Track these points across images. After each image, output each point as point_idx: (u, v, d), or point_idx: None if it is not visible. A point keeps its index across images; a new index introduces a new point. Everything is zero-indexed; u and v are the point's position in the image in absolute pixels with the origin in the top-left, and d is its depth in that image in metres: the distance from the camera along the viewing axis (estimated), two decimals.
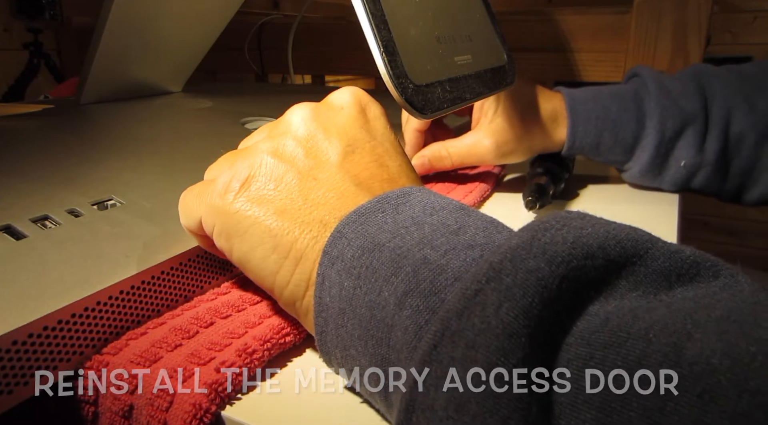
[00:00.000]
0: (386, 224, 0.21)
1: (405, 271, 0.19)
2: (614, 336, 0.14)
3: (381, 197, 0.22)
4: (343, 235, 0.21)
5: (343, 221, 0.22)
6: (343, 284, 0.20)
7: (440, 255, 0.19)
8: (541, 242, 0.17)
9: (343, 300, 0.20)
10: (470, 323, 0.15)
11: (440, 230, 0.20)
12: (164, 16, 0.56)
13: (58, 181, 0.33)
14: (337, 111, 0.26)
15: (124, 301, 0.25)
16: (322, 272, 0.21)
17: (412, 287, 0.18)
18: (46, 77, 1.13)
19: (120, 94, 0.60)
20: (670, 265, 0.17)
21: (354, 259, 0.20)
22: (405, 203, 0.22)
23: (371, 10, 0.28)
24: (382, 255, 0.20)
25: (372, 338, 0.19)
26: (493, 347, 0.15)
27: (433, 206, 0.22)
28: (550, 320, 0.15)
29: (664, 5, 0.72)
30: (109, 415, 0.23)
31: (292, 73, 0.98)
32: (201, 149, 0.42)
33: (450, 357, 0.15)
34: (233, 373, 0.22)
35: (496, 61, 0.39)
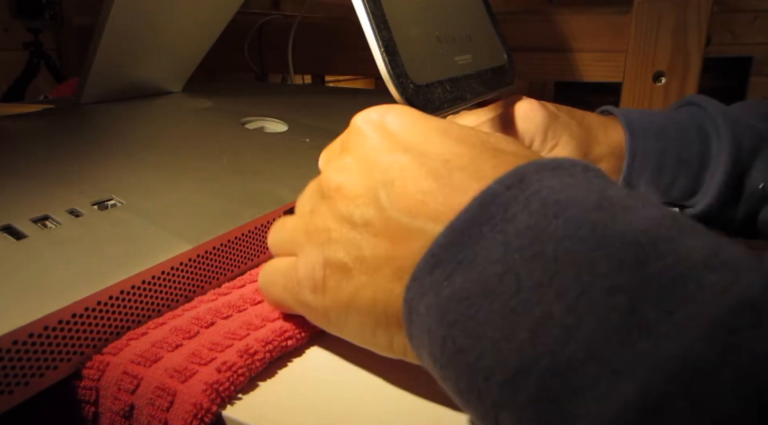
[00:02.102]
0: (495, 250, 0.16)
1: (519, 339, 0.14)
2: None
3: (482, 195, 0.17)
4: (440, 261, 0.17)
5: (438, 241, 0.17)
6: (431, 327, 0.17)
7: (566, 308, 0.13)
8: None
9: (434, 346, 0.17)
10: None
11: (568, 251, 0.14)
12: (164, 16, 0.56)
13: (58, 181, 0.33)
14: (360, 148, 0.23)
15: (125, 301, 0.25)
16: (409, 300, 0.18)
17: (526, 364, 0.14)
18: (46, 77, 1.13)
19: (120, 94, 0.60)
20: None
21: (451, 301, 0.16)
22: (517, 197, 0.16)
23: (371, 10, 0.28)
24: (490, 307, 0.15)
25: (474, 397, 0.15)
26: None
27: (558, 199, 0.16)
28: None
29: (664, 5, 0.72)
30: (110, 415, 0.23)
31: (292, 73, 0.98)
32: (201, 149, 0.42)
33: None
34: (234, 373, 0.22)
35: (497, 60, 0.39)
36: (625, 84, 0.77)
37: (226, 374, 0.22)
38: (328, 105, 0.65)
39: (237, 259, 0.31)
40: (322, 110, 0.60)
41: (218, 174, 0.36)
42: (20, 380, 0.21)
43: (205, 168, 0.37)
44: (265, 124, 0.51)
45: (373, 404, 0.22)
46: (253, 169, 0.38)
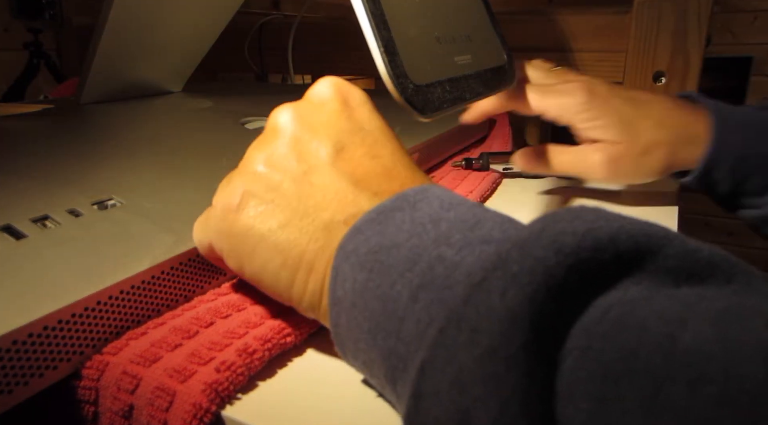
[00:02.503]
0: (404, 224, 0.21)
1: (420, 267, 0.19)
2: (612, 327, 0.15)
3: (400, 195, 0.22)
4: (361, 232, 0.21)
5: (362, 219, 0.22)
6: (356, 277, 0.21)
7: (455, 252, 0.19)
8: (550, 232, 0.17)
9: (356, 293, 0.20)
10: (475, 308, 0.16)
11: (457, 226, 0.20)
12: (164, 16, 0.56)
13: (58, 181, 0.33)
14: (319, 107, 0.26)
15: (125, 301, 0.25)
16: (336, 266, 0.21)
17: (426, 281, 0.19)
18: (46, 77, 1.13)
19: (120, 94, 0.60)
20: (683, 264, 0.16)
21: (369, 254, 0.21)
22: (423, 200, 0.22)
23: (371, 10, 0.28)
24: (399, 253, 0.20)
25: (382, 330, 0.19)
26: (497, 331, 0.15)
27: (450, 202, 0.22)
28: (555, 308, 0.15)
29: (664, 5, 0.72)
30: (110, 415, 0.23)
31: (292, 73, 0.98)
32: (201, 149, 0.42)
33: (455, 342, 0.16)
34: (233, 373, 0.22)
35: (496, 61, 0.39)
36: (625, 84, 0.77)
37: (225, 374, 0.22)
38: None
39: None
40: None
41: (218, 174, 0.36)
42: (20, 380, 0.21)
43: (205, 168, 0.37)
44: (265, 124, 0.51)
45: (373, 403, 0.22)
46: None
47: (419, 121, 0.31)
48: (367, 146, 0.25)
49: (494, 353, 0.15)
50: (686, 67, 0.73)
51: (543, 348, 0.15)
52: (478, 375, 0.15)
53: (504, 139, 0.66)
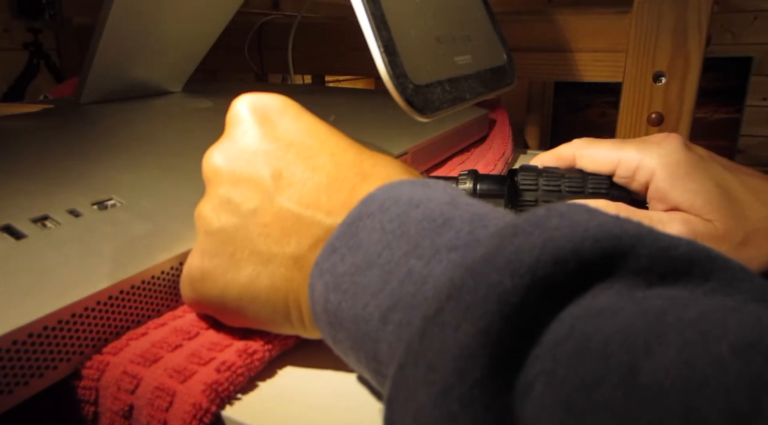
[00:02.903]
0: (374, 233, 0.20)
1: (391, 286, 0.19)
2: (576, 351, 0.14)
3: (366, 198, 0.21)
4: (335, 249, 0.21)
5: (335, 234, 0.21)
6: (329, 298, 0.20)
7: (424, 264, 0.18)
8: (507, 251, 0.16)
9: (329, 313, 0.20)
10: (430, 344, 0.15)
11: (425, 228, 0.19)
12: (164, 16, 0.56)
13: (58, 181, 0.33)
14: (240, 136, 0.25)
15: (124, 301, 0.25)
16: (311, 284, 0.21)
17: (395, 301, 0.18)
18: (46, 77, 1.13)
19: (120, 94, 0.60)
20: (654, 264, 0.15)
21: (345, 275, 0.20)
22: (390, 197, 0.21)
23: (371, 10, 0.28)
24: (372, 273, 0.19)
25: (361, 350, 0.19)
26: (451, 369, 0.14)
27: (420, 197, 0.21)
28: (514, 334, 0.15)
29: (664, 5, 0.72)
30: (110, 415, 0.23)
31: (292, 73, 0.98)
32: (201, 149, 0.42)
33: (414, 379, 0.15)
34: (233, 373, 0.22)
35: (496, 61, 0.39)
36: (625, 84, 0.77)
37: (225, 374, 0.22)
38: (328, 105, 0.65)
39: None
40: (322, 110, 0.60)
41: None
42: (20, 380, 0.21)
43: None
44: None
45: (373, 403, 0.22)
46: None
47: (419, 121, 0.31)
48: (302, 161, 0.23)
49: (449, 392, 0.14)
50: (686, 67, 0.73)
51: (501, 381, 0.14)
52: (435, 415, 0.15)
53: (504, 139, 0.66)
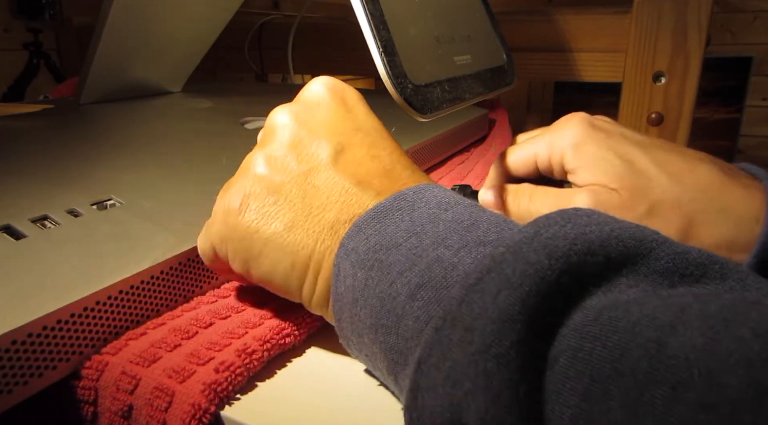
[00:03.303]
0: (403, 223, 0.22)
1: (419, 267, 0.20)
2: (603, 329, 0.15)
3: (398, 194, 0.23)
4: (362, 230, 0.22)
5: (363, 218, 0.22)
6: (356, 274, 0.21)
7: (453, 253, 0.20)
8: (543, 237, 0.17)
9: (356, 290, 0.21)
10: (469, 308, 0.17)
11: (454, 227, 0.21)
12: (164, 16, 0.56)
13: (58, 181, 0.33)
14: (316, 107, 0.26)
15: (124, 301, 0.25)
16: (337, 263, 0.22)
17: (425, 280, 0.19)
18: (46, 77, 1.13)
19: (120, 94, 0.60)
20: (674, 265, 0.17)
21: (369, 252, 0.21)
22: (421, 199, 0.22)
23: (370, 10, 0.28)
24: (398, 253, 0.21)
25: (382, 327, 0.20)
26: (489, 330, 0.16)
27: (448, 202, 0.22)
28: (547, 310, 0.16)
29: (664, 5, 0.72)
30: (109, 415, 0.23)
31: (291, 73, 0.98)
32: (201, 149, 0.42)
33: (450, 340, 0.17)
34: (232, 373, 0.22)
35: (496, 61, 0.39)
36: (625, 84, 0.77)
37: (225, 374, 0.22)
38: None
39: None
40: None
41: (218, 174, 0.36)
42: (19, 380, 0.21)
43: (205, 168, 0.37)
44: None
45: (372, 403, 0.22)
46: None
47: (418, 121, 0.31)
48: (366, 147, 0.25)
49: (486, 351, 0.15)
50: (686, 67, 0.73)
51: (534, 347, 0.16)
52: (471, 371, 0.16)
53: (504, 139, 0.66)
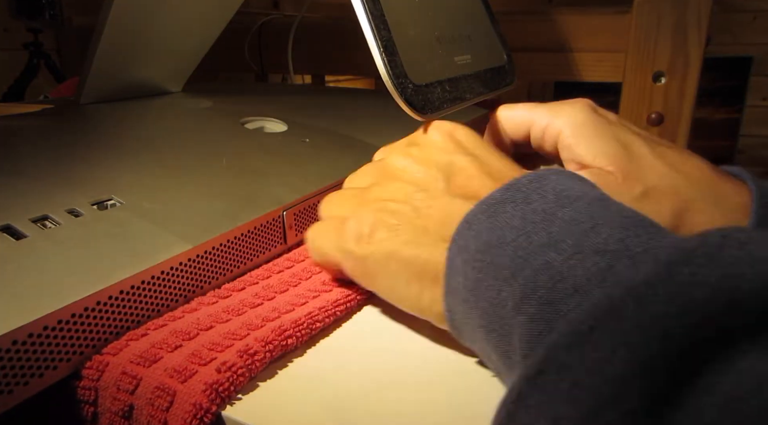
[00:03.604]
0: (514, 219, 0.21)
1: (525, 274, 0.19)
2: (764, 413, 0.12)
3: (512, 183, 0.22)
4: (471, 226, 0.22)
5: (473, 211, 0.22)
6: (467, 274, 0.21)
7: (564, 259, 0.18)
8: (675, 281, 0.14)
9: (467, 290, 0.21)
10: (580, 359, 0.15)
11: (570, 229, 0.19)
12: (164, 16, 0.56)
13: (58, 181, 0.33)
14: (428, 147, 0.29)
15: (124, 301, 0.25)
16: (450, 257, 0.22)
17: (529, 291, 0.18)
18: (46, 77, 1.13)
19: (120, 94, 0.60)
20: None
21: (477, 253, 0.21)
22: (537, 190, 0.21)
23: (371, 9, 0.28)
24: (505, 253, 0.20)
25: (494, 331, 0.20)
26: (601, 393, 0.14)
27: (568, 195, 0.20)
28: (675, 374, 0.13)
29: (664, 5, 0.72)
30: (109, 415, 0.23)
31: (291, 73, 0.98)
32: (201, 149, 0.42)
33: (555, 388, 0.15)
34: (234, 373, 0.22)
35: (496, 61, 0.39)
36: (625, 84, 0.77)
37: (226, 374, 0.22)
38: (328, 105, 0.65)
39: (237, 259, 0.31)
40: (322, 110, 0.60)
41: (218, 174, 0.36)
42: (19, 380, 0.21)
43: (205, 168, 0.37)
44: (265, 124, 0.51)
45: (373, 404, 0.22)
46: (253, 169, 0.38)
47: (419, 121, 0.31)
48: (476, 167, 0.26)
49: (596, 415, 0.14)
50: (686, 67, 0.73)
51: (657, 413, 0.13)
52: None
53: None
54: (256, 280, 0.31)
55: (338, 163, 0.42)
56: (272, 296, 0.29)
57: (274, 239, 0.34)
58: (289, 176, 0.38)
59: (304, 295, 0.29)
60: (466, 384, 0.24)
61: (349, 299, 0.29)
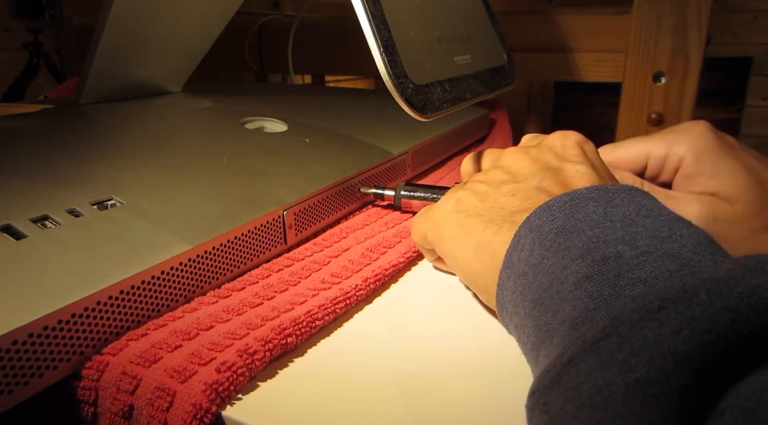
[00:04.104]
0: (594, 215, 0.22)
1: (593, 257, 0.20)
2: None
3: (599, 186, 0.23)
4: (551, 210, 0.23)
5: (555, 199, 0.23)
6: (534, 251, 0.22)
7: (635, 255, 0.19)
8: (749, 283, 0.15)
9: (529, 265, 0.22)
10: (642, 334, 0.15)
11: (647, 234, 0.20)
12: (164, 16, 0.56)
13: (58, 181, 0.33)
14: (546, 149, 0.30)
15: (124, 301, 0.25)
16: (519, 234, 0.23)
17: (594, 272, 0.19)
18: (46, 77, 1.13)
19: (120, 94, 0.60)
20: None
21: (551, 233, 0.22)
22: (622, 198, 0.22)
23: (371, 10, 0.28)
24: (578, 238, 0.21)
25: (542, 304, 0.21)
26: (658, 366, 0.15)
27: (651, 209, 0.21)
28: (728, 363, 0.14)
29: (664, 5, 0.72)
30: (109, 415, 0.23)
31: (291, 73, 0.98)
32: (201, 149, 0.42)
33: (611, 357, 0.16)
34: (234, 373, 0.22)
35: (496, 61, 0.39)
36: (625, 84, 0.77)
37: (226, 374, 0.22)
38: (328, 105, 0.65)
39: (237, 259, 0.31)
40: (322, 110, 0.60)
41: (218, 174, 0.36)
42: (20, 380, 0.21)
43: (205, 168, 0.37)
44: (265, 124, 0.51)
45: (373, 404, 0.22)
46: (253, 169, 0.38)
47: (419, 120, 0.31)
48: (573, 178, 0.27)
49: (649, 385, 0.14)
50: (686, 67, 0.73)
51: (701, 396, 0.14)
52: (627, 399, 0.15)
53: (504, 139, 0.66)
54: (255, 279, 0.31)
55: (338, 163, 0.42)
56: (272, 295, 0.29)
57: (274, 239, 0.34)
58: (289, 176, 0.38)
59: (304, 294, 0.29)
60: (466, 384, 0.24)
61: (349, 297, 0.29)
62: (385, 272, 0.32)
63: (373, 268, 0.32)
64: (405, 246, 0.35)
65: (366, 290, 0.30)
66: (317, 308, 0.27)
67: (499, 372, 0.24)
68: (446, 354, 0.26)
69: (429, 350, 0.26)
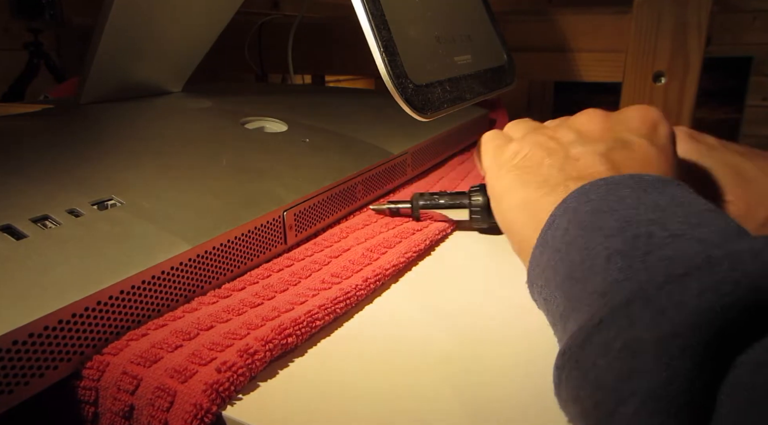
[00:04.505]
0: (628, 199, 0.23)
1: (625, 235, 0.21)
2: None
3: (635, 174, 0.24)
4: (586, 193, 0.24)
5: (591, 183, 0.24)
6: (568, 230, 0.23)
7: (665, 236, 0.20)
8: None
9: (563, 242, 0.23)
10: (668, 295, 0.17)
11: (678, 219, 0.21)
12: (164, 16, 0.56)
13: (58, 181, 0.33)
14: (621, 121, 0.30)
15: (125, 301, 0.25)
16: (555, 215, 0.25)
17: (625, 248, 0.20)
18: (46, 77, 1.13)
19: (120, 94, 0.60)
20: None
21: (586, 214, 0.23)
22: (657, 188, 0.23)
23: (371, 10, 0.28)
24: (611, 217, 0.22)
25: (572, 278, 0.22)
26: (682, 321, 0.16)
27: (684, 199, 0.22)
28: (746, 324, 0.15)
29: (664, 5, 0.72)
30: (110, 415, 0.23)
31: (291, 73, 0.98)
32: (200, 149, 0.42)
33: (640, 316, 0.17)
34: (234, 373, 0.22)
35: (496, 61, 0.39)
36: (625, 84, 0.77)
37: (226, 374, 0.22)
38: (328, 105, 0.65)
39: (237, 259, 0.31)
40: (322, 109, 0.60)
41: (218, 174, 0.36)
42: (20, 380, 0.21)
43: (205, 168, 0.37)
44: (265, 124, 0.51)
45: (373, 404, 0.22)
46: (253, 169, 0.38)
47: (419, 120, 0.31)
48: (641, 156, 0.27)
49: (674, 338, 0.16)
50: (686, 67, 0.73)
51: (720, 352, 0.15)
52: (652, 351, 0.16)
53: None
54: (256, 279, 0.31)
55: (338, 163, 0.42)
56: (272, 295, 0.29)
57: (274, 239, 0.34)
58: (289, 176, 0.38)
59: (304, 294, 0.29)
60: (466, 384, 0.24)
61: (349, 297, 0.29)
62: (386, 272, 0.32)
63: (374, 268, 0.32)
64: (405, 246, 0.35)
65: (366, 290, 0.30)
66: (317, 308, 0.27)
67: (500, 377, 0.24)
68: (448, 354, 0.26)
69: (430, 350, 0.26)
